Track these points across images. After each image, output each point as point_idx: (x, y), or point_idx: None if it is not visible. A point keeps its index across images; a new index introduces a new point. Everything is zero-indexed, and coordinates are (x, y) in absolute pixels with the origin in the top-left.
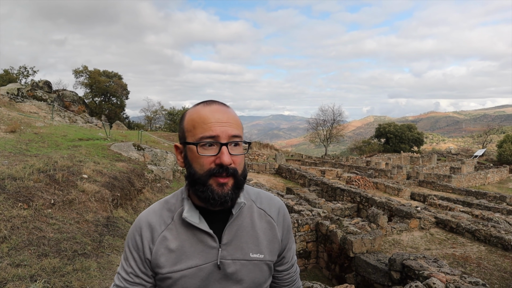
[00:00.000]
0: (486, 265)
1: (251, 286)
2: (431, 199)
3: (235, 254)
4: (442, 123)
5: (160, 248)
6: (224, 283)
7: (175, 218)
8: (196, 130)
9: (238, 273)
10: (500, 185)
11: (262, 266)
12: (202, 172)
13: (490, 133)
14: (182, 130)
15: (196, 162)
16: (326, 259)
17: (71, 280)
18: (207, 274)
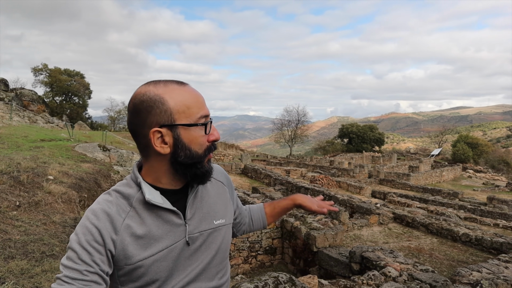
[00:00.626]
0: (437, 255)
1: (218, 251)
2: (390, 196)
3: (200, 226)
4: (402, 124)
5: (125, 237)
6: (194, 257)
7: (134, 204)
8: (191, 110)
9: (206, 243)
10: (454, 182)
11: (226, 230)
12: (201, 152)
13: (445, 134)
14: (167, 112)
15: (196, 143)
16: (291, 255)
17: (41, 281)
18: (178, 253)
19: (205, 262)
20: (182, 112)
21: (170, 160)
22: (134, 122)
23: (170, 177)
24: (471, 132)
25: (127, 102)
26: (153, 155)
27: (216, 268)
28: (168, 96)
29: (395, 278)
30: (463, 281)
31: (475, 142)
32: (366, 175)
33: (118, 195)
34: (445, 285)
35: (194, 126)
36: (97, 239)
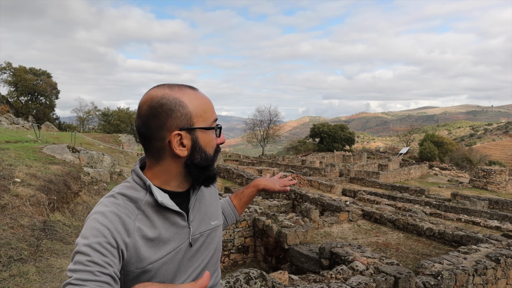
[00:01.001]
0: (403, 249)
1: (215, 251)
2: (360, 194)
3: (201, 227)
4: (372, 123)
5: (137, 239)
6: (195, 257)
7: (142, 207)
8: (207, 115)
9: (205, 243)
10: (421, 180)
11: (220, 229)
12: (212, 154)
13: (412, 133)
14: (187, 115)
15: (210, 146)
16: (263, 253)
17: (9, 286)
18: (182, 254)
19: (205, 262)
20: (200, 116)
21: (185, 162)
22: (150, 125)
23: (180, 179)
24: (437, 131)
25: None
26: (168, 158)
27: (213, 267)
28: (187, 100)
29: (362, 271)
30: (426, 272)
31: (441, 141)
32: (337, 174)
33: (124, 198)
34: (408, 277)
35: (211, 129)
36: (110, 241)
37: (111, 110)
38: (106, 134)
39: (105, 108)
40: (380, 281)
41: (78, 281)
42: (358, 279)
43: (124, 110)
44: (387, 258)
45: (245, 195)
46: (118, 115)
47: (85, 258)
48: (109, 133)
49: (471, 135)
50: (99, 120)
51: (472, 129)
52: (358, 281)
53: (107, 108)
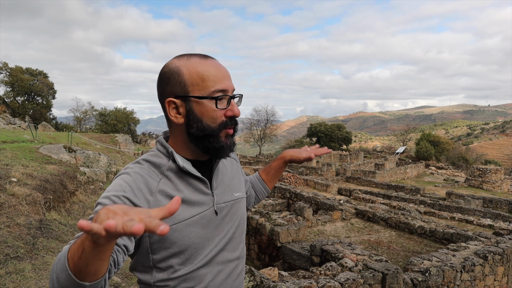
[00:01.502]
0: (395, 247)
1: (240, 222)
2: (356, 193)
3: (225, 197)
4: (369, 123)
5: (161, 199)
6: (221, 227)
7: (165, 172)
8: (206, 83)
9: (230, 213)
10: (417, 179)
11: (243, 202)
12: (215, 126)
13: (409, 132)
14: (181, 83)
15: (207, 116)
16: (257, 251)
17: (5, 282)
18: (207, 221)
19: (231, 232)
20: (196, 84)
21: (185, 130)
22: (158, 93)
23: (190, 147)
24: (435, 130)
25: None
26: (173, 125)
27: (239, 239)
28: (185, 68)
29: (351, 268)
30: (415, 269)
31: (437, 140)
32: (334, 173)
33: (149, 164)
34: (396, 273)
35: (205, 99)
36: (129, 196)
37: (108, 110)
38: (103, 134)
39: (102, 108)
40: (368, 277)
41: (101, 204)
42: (347, 275)
43: (121, 110)
44: (377, 255)
45: (272, 168)
46: (115, 115)
47: (106, 201)
48: (106, 133)
49: (468, 135)
50: (96, 120)
51: (469, 129)
52: (346, 277)
53: (104, 108)
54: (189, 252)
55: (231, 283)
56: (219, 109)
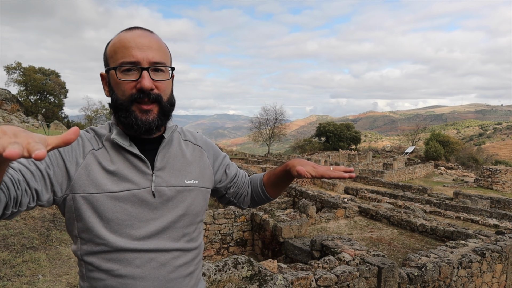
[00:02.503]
0: (396, 244)
1: (188, 213)
2: (362, 192)
3: (170, 180)
4: (379, 122)
5: (92, 164)
6: (160, 211)
7: (104, 142)
8: (117, 55)
9: (174, 199)
10: (426, 179)
11: (198, 193)
12: (124, 98)
13: (418, 132)
14: (105, 57)
15: (118, 88)
16: (260, 246)
17: (22, 270)
18: (141, 200)
19: (169, 220)
20: (111, 57)
21: (109, 104)
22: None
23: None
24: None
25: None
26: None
27: (183, 230)
28: (111, 42)
29: (348, 262)
30: (412, 264)
31: (447, 140)
32: None
33: (93, 132)
34: (392, 267)
35: (112, 69)
36: (61, 149)
37: None
38: None
39: None
40: (363, 270)
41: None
42: (343, 268)
43: None
44: (375, 251)
45: (274, 173)
46: None
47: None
48: None
49: (480, 135)
50: (106, 119)
51: (481, 128)
52: (343, 270)
53: None
54: (112, 226)
55: (166, 275)
56: (124, 80)
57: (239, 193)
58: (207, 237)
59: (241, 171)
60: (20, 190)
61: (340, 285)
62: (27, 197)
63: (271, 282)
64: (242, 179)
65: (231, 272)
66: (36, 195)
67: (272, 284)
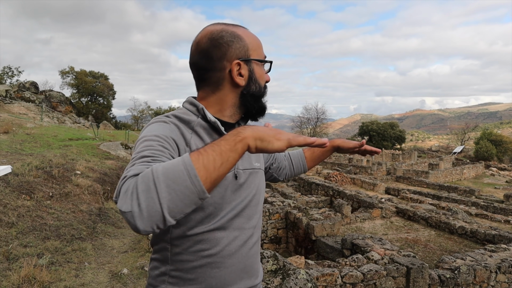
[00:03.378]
0: (432, 246)
1: (256, 192)
2: (403, 193)
3: (244, 163)
4: (427, 121)
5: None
6: (238, 192)
7: (195, 128)
8: (260, 50)
9: (247, 181)
10: (475, 180)
11: (261, 174)
12: (263, 88)
13: (468, 131)
14: (244, 47)
15: (262, 79)
16: (294, 244)
17: (71, 257)
18: (227, 183)
19: (247, 199)
20: (255, 50)
21: (242, 92)
22: (212, 56)
23: (234, 109)
24: (501, 129)
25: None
26: (227, 87)
27: (254, 209)
28: (243, 34)
29: (377, 261)
30: (445, 266)
31: (499, 140)
32: (384, 172)
33: (177, 119)
34: (421, 268)
35: (264, 62)
36: (175, 137)
37: (162, 109)
38: None
39: (157, 107)
40: (391, 269)
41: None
42: (370, 267)
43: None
44: (407, 251)
45: (318, 149)
46: None
47: (147, 143)
48: None
49: None
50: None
51: None
52: (370, 268)
53: (159, 107)
54: (209, 210)
55: (247, 251)
56: (267, 74)
57: (279, 167)
58: None
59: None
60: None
61: (366, 283)
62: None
63: (294, 276)
64: (281, 154)
65: None
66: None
67: (295, 278)
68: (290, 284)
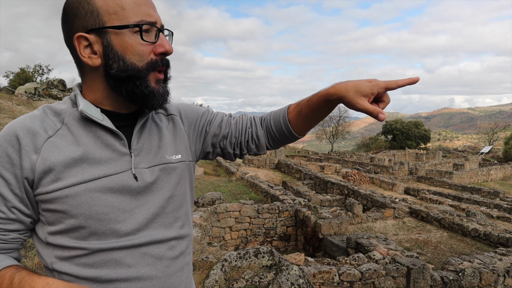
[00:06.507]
0: (442, 248)
1: (176, 194)
2: (423, 193)
3: (150, 159)
4: (456, 120)
5: (49, 156)
6: (145, 197)
7: (66, 120)
8: (126, 12)
9: (158, 182)
10: (503, 182)
11: (183, 169)
12: (142, 65)
13: (497, 130)
14: (93, 13)
15: (133, 52)
16: (303, 242)
17: None
18: (122, 187)
19: (157, 205)
20: (114, 13)
21: (104, 74)
22: (64, 32)
23: (111, 97)
24: None
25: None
26: (87, 70)
27: (174, 215)
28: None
29: (378, 260)
30: (450, 268)
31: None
32: (406, 172)
33: (48, 111)
34: (422, 268)
35: (127, 28)
36: (13, 159)
37: None
38: None
39: None
40: (391, 269)
41: None
42: (370, 266)
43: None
44: (410, 252)
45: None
46: None
47: None
48: None
49: None
50: None
51: None
52: (369, 268)
53: None
54: (92, 226)
55: (164, 269)
56: (146, 42)
57: (239, 142)
58: (251, 230)
59: (233, 114)
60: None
61: (364, 281)
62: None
63: (286, 271)
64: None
65: (251, 260)
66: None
67: (287, 273)
68: (282, 279)
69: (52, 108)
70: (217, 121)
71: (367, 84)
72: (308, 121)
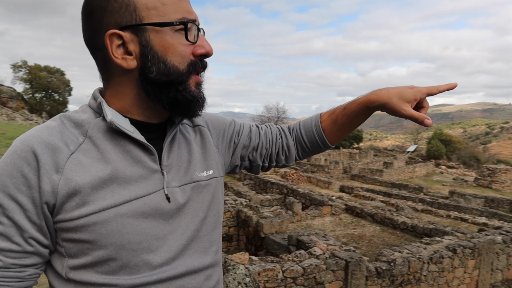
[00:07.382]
0: (376, 241)
1: (209, 215)
2: (357, 191)
3: (181, 177)
4: (385, 121)
5: (73, 176)
6: (177, 220)
7: (90, 133)
8: (167, 8)
9: (190, 202)
10: (426, 178)
11: (216, 185)
12: (183, 67)
13: (421, 131)
14: (129, 7)
15: (175, 52)
16: (245, 241)
17: None
18: (155, 210)
19: (192, 229)
20: (154, 8)
21: (139, 78)
22: (88, 29)
23: (142, 105)
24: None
25: None
26: (116, 73)
27: (209, 238)
28: None
29: (318, 256)
30: (383, 259)
31: (449, 139)
32: (341, 171)
33: (66, 121)
34: (359, 261)
35: (170, 25)
36: (29, 181)
37: None
38: None
39: None
40: (331, 263)
41: None
42: (311, 261)
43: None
44: (348, 246)
45: (344, 113)
46: None
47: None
48: None
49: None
50: None
51: (488, 127)
52: (310, 263)
53: None
54: (124, 257)
55: None
56: (189, 42)
57: (270, 153)
58: None
59: (262, 126)
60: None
61: (306, 277)
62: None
63: (233, 271)
64: (264, 135)
65: None
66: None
67: (233, 273)
68: (229, 279)
69: (71, 118)
70: (246, 131)
71: (410, 91)
72: (343, 130)
